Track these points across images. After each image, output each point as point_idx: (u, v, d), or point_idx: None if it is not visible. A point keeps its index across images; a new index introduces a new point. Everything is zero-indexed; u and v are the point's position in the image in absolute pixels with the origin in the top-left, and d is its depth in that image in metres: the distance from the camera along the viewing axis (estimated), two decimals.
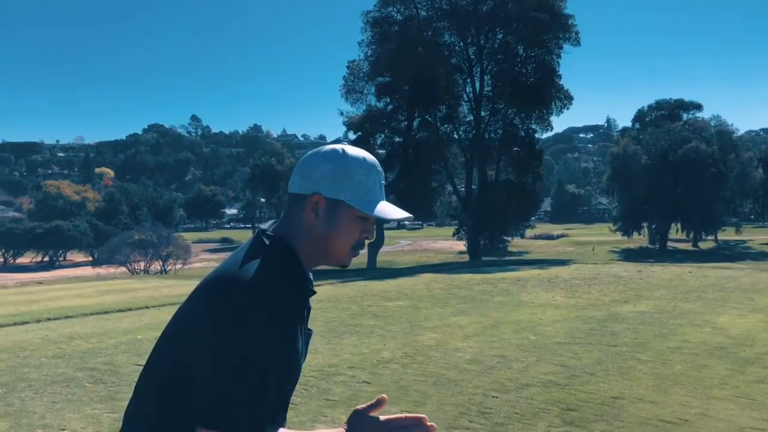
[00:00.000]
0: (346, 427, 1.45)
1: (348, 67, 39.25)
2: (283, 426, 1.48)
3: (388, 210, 1.52)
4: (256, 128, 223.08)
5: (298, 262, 1.50)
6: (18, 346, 8.30)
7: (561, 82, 38.36)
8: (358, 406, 1.45)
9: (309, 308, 1.56)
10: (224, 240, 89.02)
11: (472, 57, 39.37)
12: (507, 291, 14.23)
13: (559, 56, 38.00)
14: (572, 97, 38.76)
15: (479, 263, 28.12)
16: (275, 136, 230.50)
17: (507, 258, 36.20)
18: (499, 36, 38.93)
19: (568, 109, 38.91)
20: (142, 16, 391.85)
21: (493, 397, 5.73)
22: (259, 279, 1.40)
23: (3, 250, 67.56)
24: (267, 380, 1.35)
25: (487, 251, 38.98)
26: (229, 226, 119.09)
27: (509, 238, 45.73)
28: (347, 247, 1.53)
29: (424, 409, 5.34)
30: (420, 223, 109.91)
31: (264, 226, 1.56)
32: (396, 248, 64.76)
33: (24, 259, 67.63)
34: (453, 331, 9.21)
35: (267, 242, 1.49)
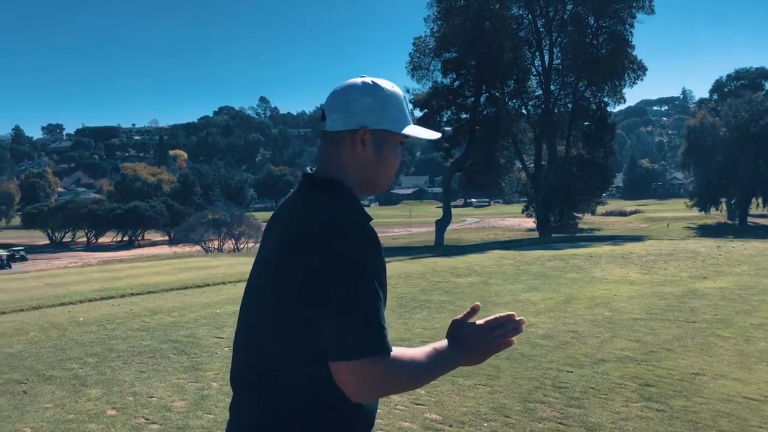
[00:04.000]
0: (448, 338, 1.56)
1: (414, 43, 39.03)
2: None
3: (421, 131, 1.65)
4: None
5: (354, 194, 1.57)
6: (105, 319, 8.73)
7: (634, 53, 37.20)
8: (456, 317, 1.57)
9: None
10: None
11: (540, 29, 38.55)
12: (579, 267, 14.00)
13: (632, 26, 36.94)
14: (646, 68, 37.58)
15: (549, 240, 27.69)
16: None
17: (578, 234, 35.51)
18: (569, 7, 37.91)
19: (641, 80, 37.79)
20: (213, 1, 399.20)
21: (568, 371, 5.68)
22: (337, 216, 1.49)
23: (86, 230, 70.81)
24: (378, 302, 1.44)
25: (557, 228, 38.35)
26: None
27: (580, 215, 44.84)
28: (393, 171, 1.65)
29: (498, 383, 5.35)
30: (487, 200, 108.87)
31: (307, 170, 1.63)
32: (463, 226, 64.43)
33: (105, 239, 70.69)
34: (525, 307, 9.15)
35: (319, 184, 1.56)
